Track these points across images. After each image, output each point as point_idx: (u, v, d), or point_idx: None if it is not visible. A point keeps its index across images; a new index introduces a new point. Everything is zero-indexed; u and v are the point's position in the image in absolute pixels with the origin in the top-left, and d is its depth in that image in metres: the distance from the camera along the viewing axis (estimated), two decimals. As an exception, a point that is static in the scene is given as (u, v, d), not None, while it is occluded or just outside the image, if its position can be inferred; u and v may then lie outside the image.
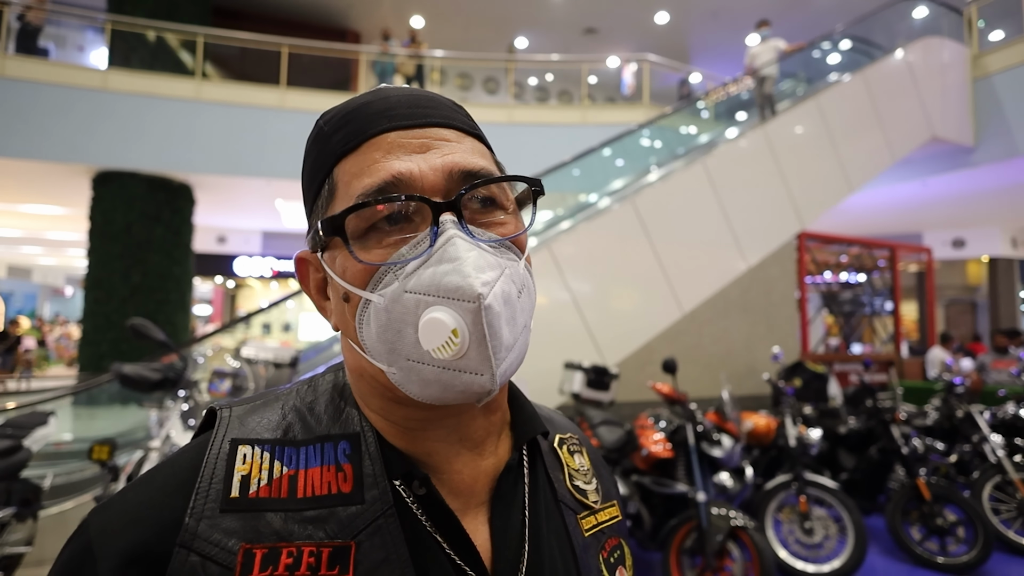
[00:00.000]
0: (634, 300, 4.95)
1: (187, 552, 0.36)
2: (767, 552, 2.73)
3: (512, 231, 0.43)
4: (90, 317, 7.39)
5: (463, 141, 0.44)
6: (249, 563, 0.37)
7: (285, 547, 0.37)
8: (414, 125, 0.42)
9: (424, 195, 0.40)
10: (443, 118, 0.44)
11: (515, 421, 0.50)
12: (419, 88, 0.47)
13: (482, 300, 0.36)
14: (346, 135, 0.43)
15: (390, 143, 0.42)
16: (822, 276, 7.04)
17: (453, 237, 0.39)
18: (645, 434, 3.28)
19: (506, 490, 0.47)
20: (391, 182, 0.40)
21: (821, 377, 4.79)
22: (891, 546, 3.72)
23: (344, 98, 2.97)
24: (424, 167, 0.41)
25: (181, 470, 0.41)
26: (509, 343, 0.39)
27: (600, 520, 0.52)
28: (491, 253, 0.40)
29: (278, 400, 0.46)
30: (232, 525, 0.38)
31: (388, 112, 0.43)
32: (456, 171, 0.41)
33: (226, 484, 0.39)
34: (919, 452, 4.03)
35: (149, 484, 0.41)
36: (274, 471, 0.40)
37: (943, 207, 9.98)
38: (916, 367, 7.39)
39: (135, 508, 0.39)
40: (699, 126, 7.95)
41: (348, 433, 0.43)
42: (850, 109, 6.64)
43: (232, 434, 0.42)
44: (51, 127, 7.01)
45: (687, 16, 12.01)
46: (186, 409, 2.89)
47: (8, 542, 2.95)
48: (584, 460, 0.56)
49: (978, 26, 8.21)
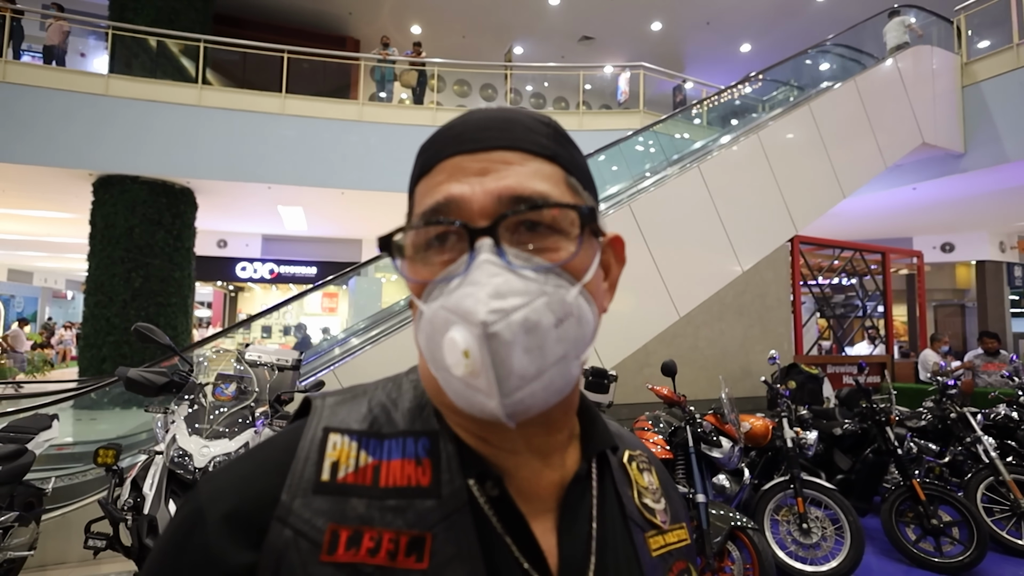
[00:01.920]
0: (631, 303, 4.99)
1: (282, 526, 0.39)
2: (766, 553, 2.75)
3: (564, 257, 0.42)
4: (91, 321, 7.37)
5: (527, 164, 0.44)
6: (335, 541, 0.39)
7: (368, 531, 0.40)
8: (478, 149, 0.44)
9: (470, 218, 0.41)
10: (511, 141, 0.44)
11: (585, 434, 0.50)
12: (506, 108, 0.48)
13: (486, 327, 0.36)
14: (426, 157, 0.46)
15: (453, 166, 0.44)
16: (815, 279, 7.11)
17: (484, 262, 0.39)
18: (644, 436, 3.29)
19: (574, 500, 0.47)
20: (443, 203, 0.42)
21: (815, 379, 4.83)
22: (887, 547, 3.72)
23: (343, 105, 3.07)
24: (477, 190, 0.42)
25: (279, 451, 0.44)
26: (526, 373, 0.38)
27: (668, 541, 0.52)
28: (525, 279, 0.39)
29: (365, 394, 0.49)
30: (322, 506, 0.40)
31: (460, 136, 0.45)
32: (506, 195, 0.42)
33: (318, 467, 0.42)
34: (913, 453, 4.07)
35: (251, 460, 0.44)
36: (360, 460, 0.43)
37: (933, 212, 10.09)
38: (907, 369, 7.46)
39: (239, 479, 0.43)
40: (694, 132, 8.05)
41: (428, 430, 0.45)
42: (842, 115, 6.72)
43: (325, 422, 0.45)
44: (53, 133, 7.02)
45: (681, 25, 12.16)
46: (191, 413, 2.89)
47: (10, 546, 2.94)
48: (653, 479, 0.56)
49: (967, 34, 8.34)
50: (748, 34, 12.68)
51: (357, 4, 11.54)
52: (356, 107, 8.61)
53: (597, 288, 0.46)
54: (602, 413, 0.46)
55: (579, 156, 0.49)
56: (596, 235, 0.46)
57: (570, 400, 0.48)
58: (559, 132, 0.48)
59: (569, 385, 0.42)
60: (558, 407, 0.45)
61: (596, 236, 0.46)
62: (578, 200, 0.45)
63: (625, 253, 0.52)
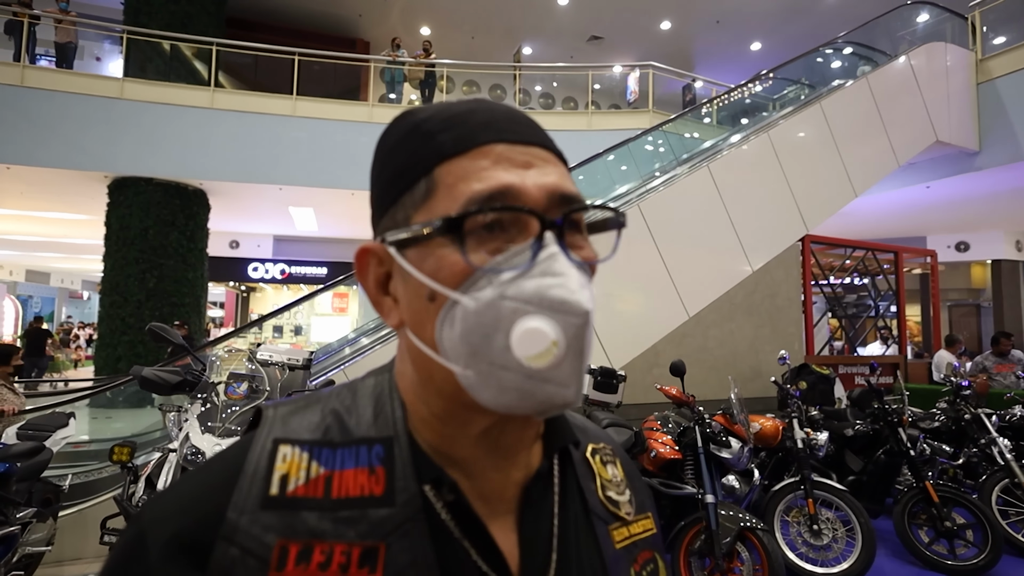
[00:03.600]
0: (640, 303, 4.98)
1: (228, 544, 0.38)
2: (776, 554, 2.73)
3: (591, 256, 0.44)
4: (106, 320, 7.49)
5: (558, 165, 0.45)
6: (284, 558, 0.38)
7: (318, 544, 0.39)
8: (520, 141, 0.43)
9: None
10: (542, 139, 0.45)
11: (547, 430, 0.50)
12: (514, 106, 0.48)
13: (589, 316, 0.38)
14: (455, 137, 0.43)
15: (498, 154, 0.42)
16: (827, 279, 7.05)
17: (557, 254, 0.39)
18: (653, 436, 3.27)
19: (535, 498, 0.47)
20: (500, 191, 0.41)
21: (826, 379, 4.79)
22: (899, 549, 3.68)
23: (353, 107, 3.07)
24: (528, 182, 0.41)
25: (226, 466, 0.42)
26: (589, 359, 0.41)
27: (633, 532, 0.52)
28: (583, 274, 0.41)
29: (319, 402, 0.47)
30: (270, 521, 0.39)
31: (494, 124, 0.44)
32: (557, 193, 0.42)
33: (266, 481, 0.41)
34: (926, 455, 4.02)
35: (197, 478, 0.43)
36: (311, 471, 0.41)
37: (947, 211, 9.96)
38: (920, 370, 7.37)
39: (184, 500, 0.41)
40: (703, 131, 8.00)
41: (382, 437, 0.44)
42: (854, 114, 6.66)
43: (275, 433, 0.43)
44: (70, 136, 7.14)
45: (691, 24, 12.10)
46: (204, 411, 2.93)
47: (29, 541, 3.00)
48: (618, 471, 0.55)
49: (982, 31, 8.23)
50: (758, 32, 12.59)
51: (367, 6, 11.62)
52: (366, 108, 8.68)
53: None
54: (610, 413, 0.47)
55: None
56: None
57: None
58: None
59: None
60: None
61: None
62: None
63: None
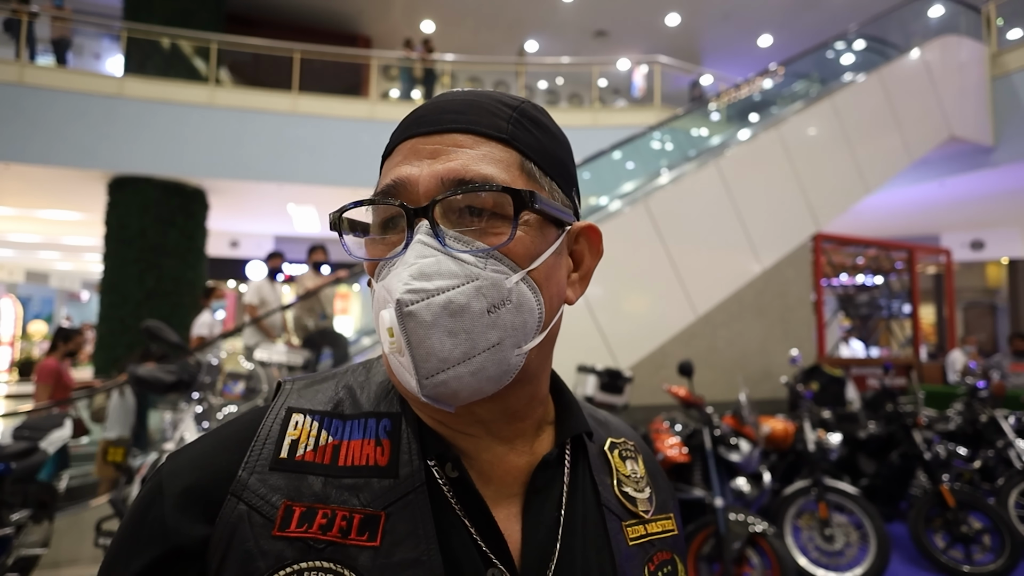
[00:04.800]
0: (647, 303, 4.90)
1: (237, 500, 0.40)
2: (787, 559, 2.68)
3: (494, 241, 0.42)
4: (105, 321, 7.49)
5: (478, 147, 0.43)
6: (288, 518, 0.40)
7: (321, 508, 0.40)
8: (433, 132, 0.44)
9: (415, 200, 0.42)
10: (465, 123, 0.44)
11: (559, 419, 0.51)
12: (475, 91, 0.48)
13: (401, 306, 0.38)
14: (392, 139, 0.47)
15: (409, 148, 0.44)
16: (838, 278, 6.93)
17: (417, 243, 0.40)
18: (660, 438, 3.22)
19: (541, 485, 0.47)
20: (392, 185, 0.43)
21: (838, 381, 4.71)
22: (914, 554, 3.63)
23: (354, 103, 2.96)
24: (425, 172, 0.42)
25: (241, 428, 0.45)
26: (449, 356, 0.39)
27: (650, 531, 0.52)
28: (460, 262, 0.40)
29: (335, 378, 0.49)
30: (278, 482, 0.41)
31: (421, 119, 0.45)
32: (449, 178, 0.42)
33: (277, 445, 0.43)
34: (942, 458, 3.94)
35: (214, 436, 0.45)
36: (320, 439, 0.44)
37: (962, 208, 9.82)
38: (935, 371, 7.25)
39: (199, 456, 0.44)
40: (711, 128, 7.89)
41: (391, 412, 0.46)
42: (866, 109, 6.55)
43: (290, 403, 0.46)
44: (68, 133, 7.12)
45: (698, 18, 11.95)
46: (200, 411, 2.89)
47: (25, 543, 2.97)
48: (638, 467, 0.55)
49: (997, 24, 8.08)
50: (767, 27, 12.43)
51: (368, 2, 11.55)
52: (368, 105, 8.64)
53: (552, 277, 0.45)
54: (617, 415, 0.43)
55: (549, 142, 0.47)
56: (557, 223, 0.45)
57: (533, 391, 0.47)
58: (526, 115, 0.46)
59: (509, 374, 0.42)
60: (516, 396, 0.45)
61: (557, 224, 0.45)
62: (532, 186, 0.44)
63: (602, 245, 0.51)
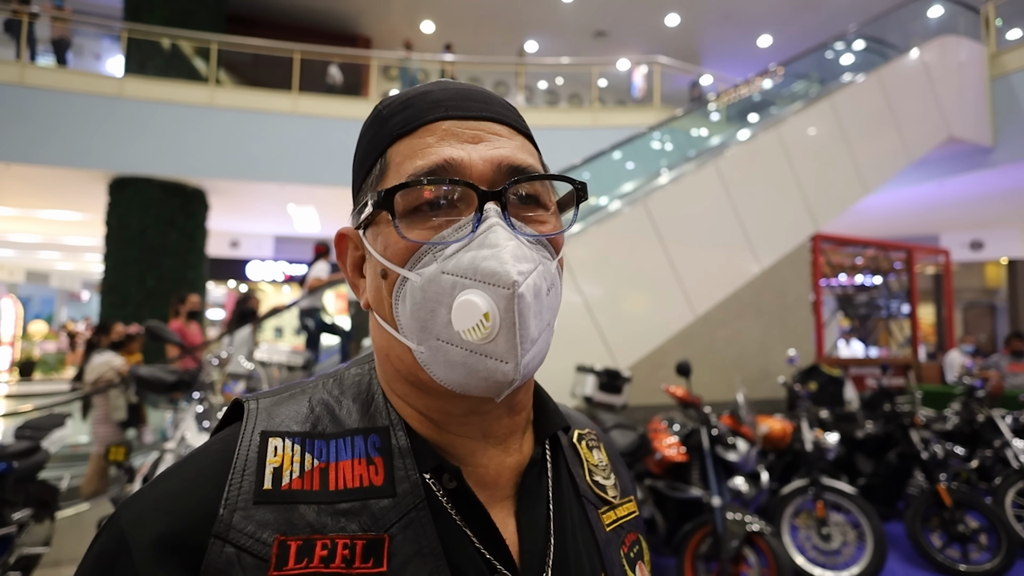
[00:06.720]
0: (646, 303, 4.91)
1: (223, 543, 0.36)
2: (784, 558, 2.69)
3: (550, 230, 0.44)
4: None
5: (514, 138, 0.45)
6: (284, 555, 0.36)
7: (319, 539, 0.37)
8: (469, 116, 0.44)
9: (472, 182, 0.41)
10: (496, 114, 0.45)
11: (538, 417, 0.51)
12: (474, 85, 0.49)
13: (516, 287, 0.37)
14: (404, 119, 0.44)
15: (444, 130, 0.43)
16: (837, 278, 6.94)
17: (495, 225, 0.40)
18: (658, 438, 3.23)
19: (531, 484, 0.47)
20: (442, 165, 0.41)
21: (837, 381, 4.72)
22: (911, 553, 3.64)
23: (355, 103, 2.98)
24: (475, 156, 0.42)
25: (212, 461, 0.40)
26: (534, 336, 0.39)
27: (619, 515, 0.53)
28: (528, 247, 0.41)
29: (304, 393, 0.46)
30: (266, 517, 0.37)
31: (445, 102, 0.44)
32: (505, 164, 0.42)
33: (258, 476, 0.39)
34: (939, 457, 3.95)
35: (180, 475, 0.40)
36: (305, 464, 0.40)
37: (961, 208, 9.82)
38: (933, 371, 7.26)
39: (167, 499, 0.38)
40: (711, 128, 7.90)
41: (377, 427, 0.43)
42: (865, 109, 6.55)
43: (261, 426, 0.42)
44: (68, 133, 7.13)
45: (698, 18, 11.96)
46: (201, 411, 2.91)
47: (26, 543, 2.98)
48: (602, 455, 0.57)
49: (996, 24, 8.08)
50: (767, 27, 12.43)
51: (368, 3, 11.56)
52: (368, 105, 8.63)
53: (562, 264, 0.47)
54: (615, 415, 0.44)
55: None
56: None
57: (531, 379, 0.48)
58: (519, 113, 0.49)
59: (546, 353, 0.43)
60: (522, 385, 0.45)
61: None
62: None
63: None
